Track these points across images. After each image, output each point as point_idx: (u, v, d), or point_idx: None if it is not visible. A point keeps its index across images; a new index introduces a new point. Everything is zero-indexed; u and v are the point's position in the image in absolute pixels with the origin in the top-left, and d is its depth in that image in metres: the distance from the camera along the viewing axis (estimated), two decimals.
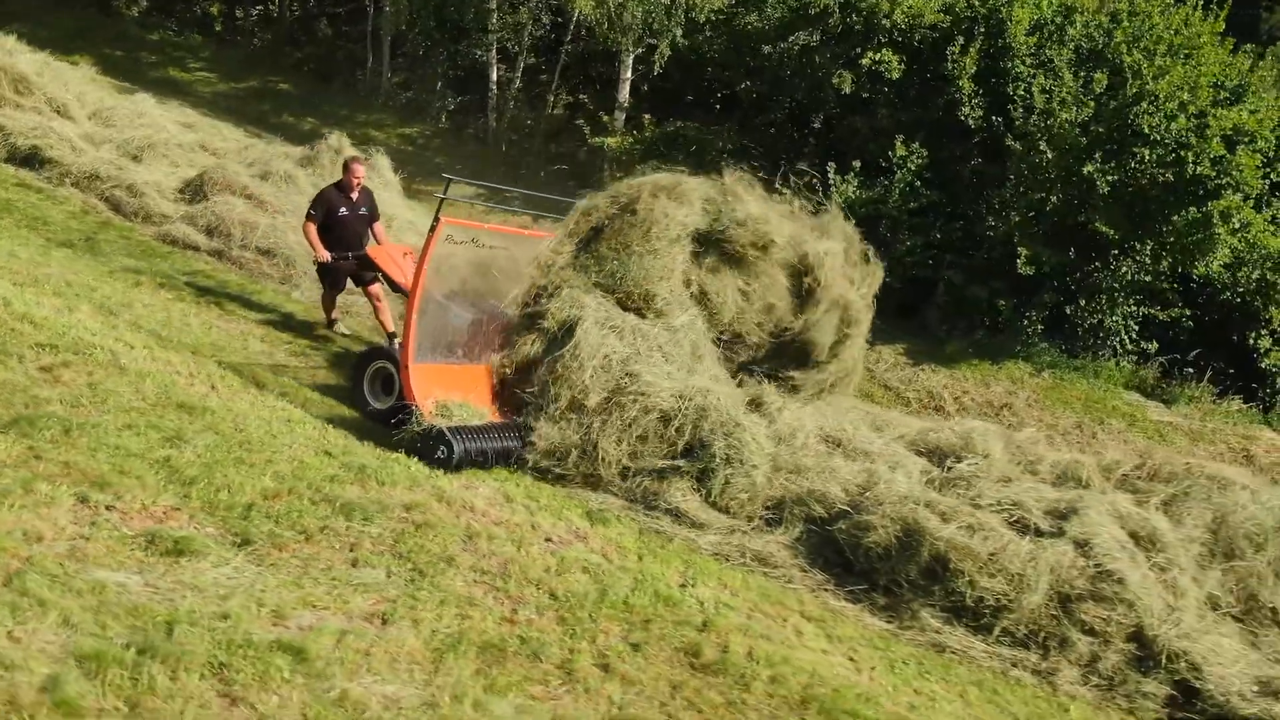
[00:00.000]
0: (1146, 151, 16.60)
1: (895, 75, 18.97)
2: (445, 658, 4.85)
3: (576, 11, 20.07)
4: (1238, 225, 16.39)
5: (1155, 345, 18.27)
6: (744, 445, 7.61)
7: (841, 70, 19.04)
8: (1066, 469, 7.91)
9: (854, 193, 18.67)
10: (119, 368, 6.99)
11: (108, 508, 5.27)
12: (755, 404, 8.57)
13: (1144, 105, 16.55)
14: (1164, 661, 6.36)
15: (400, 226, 11.52)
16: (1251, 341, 17.87)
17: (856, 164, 19.09)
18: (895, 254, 18.56)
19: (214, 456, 6.20)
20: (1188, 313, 17.77)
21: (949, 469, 7.50)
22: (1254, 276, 17.23)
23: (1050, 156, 17.41)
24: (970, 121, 18.46)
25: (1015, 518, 6.98)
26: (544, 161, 23.10)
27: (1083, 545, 6.64)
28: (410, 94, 24.45)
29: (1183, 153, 16.42)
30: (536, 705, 4.71)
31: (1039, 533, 6.82)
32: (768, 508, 7.61)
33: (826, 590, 6.92)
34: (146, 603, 4.51)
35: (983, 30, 18.49)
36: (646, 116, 20.74)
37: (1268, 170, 17.43)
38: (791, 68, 19.94)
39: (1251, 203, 16.70)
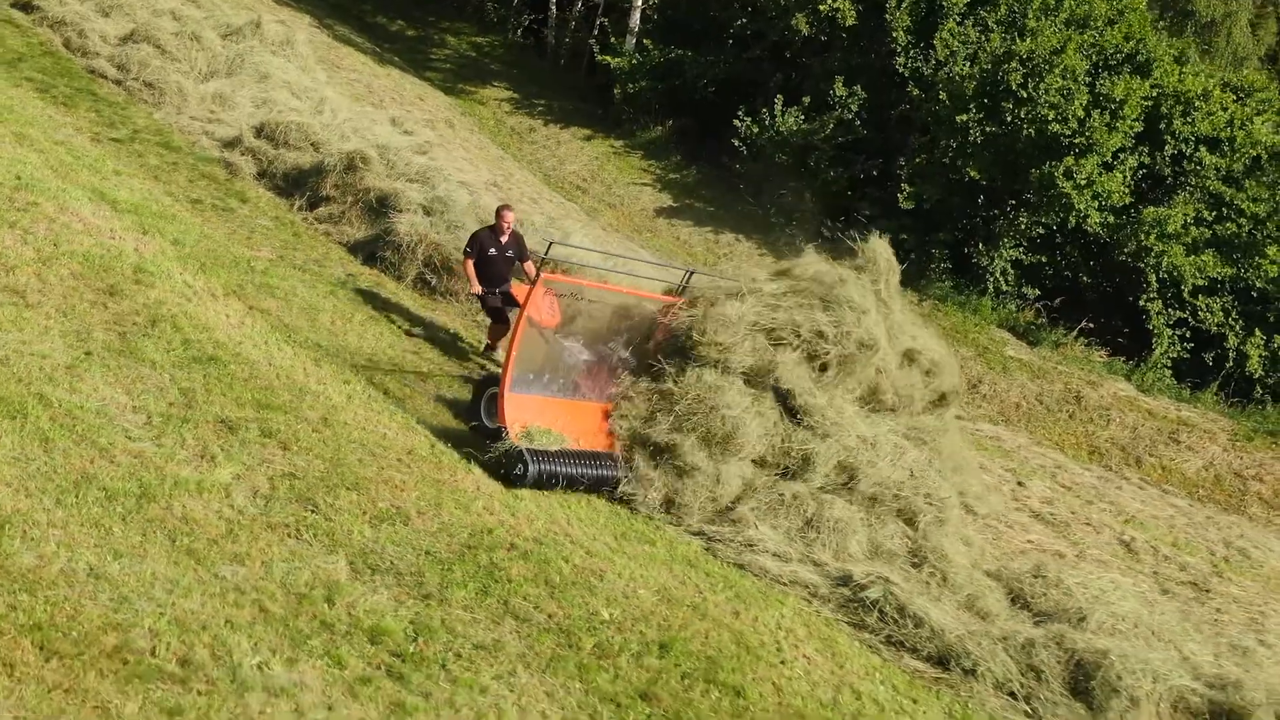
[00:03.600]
0: (1013, 106, 19.13)
1: (849, 22, 21.97)
2: None
3: None
4: (1083, 182, 18.68)
5: (1036, 291, 20.71)
6: None
7: (798, 14, 22.24)
8: None
9: (794, 125, 21.97)
10: None
11: None
12: None
13: (1013, 64, 19.07)
14: None
15: (275, 83, 16.11)
16: (1142, 304, 20.03)
17: (806, 100, 22.34)
18: (819, 183, 21.80)
19: None
20: (1042, 259, 20.07)
21: None
22: (1134, 239, 19.41)
23: (945, 105, 20.17)
24: (905, 71, 21.35)
25: None
26: (584, 78, 27.32)
27: None
28: (496, 7, 29.17)
29: (1047, 111, 18.87)
30: None
31: None
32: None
33: None
34: None
35: None
36: (648, 41, 24.55)
37: (1160, 141, 19.48)
38: (773, 8, 23.25)
39: (1108, 157, 18.87)
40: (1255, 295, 19.64)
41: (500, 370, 9.85)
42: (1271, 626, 11.59)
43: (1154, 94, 19.46)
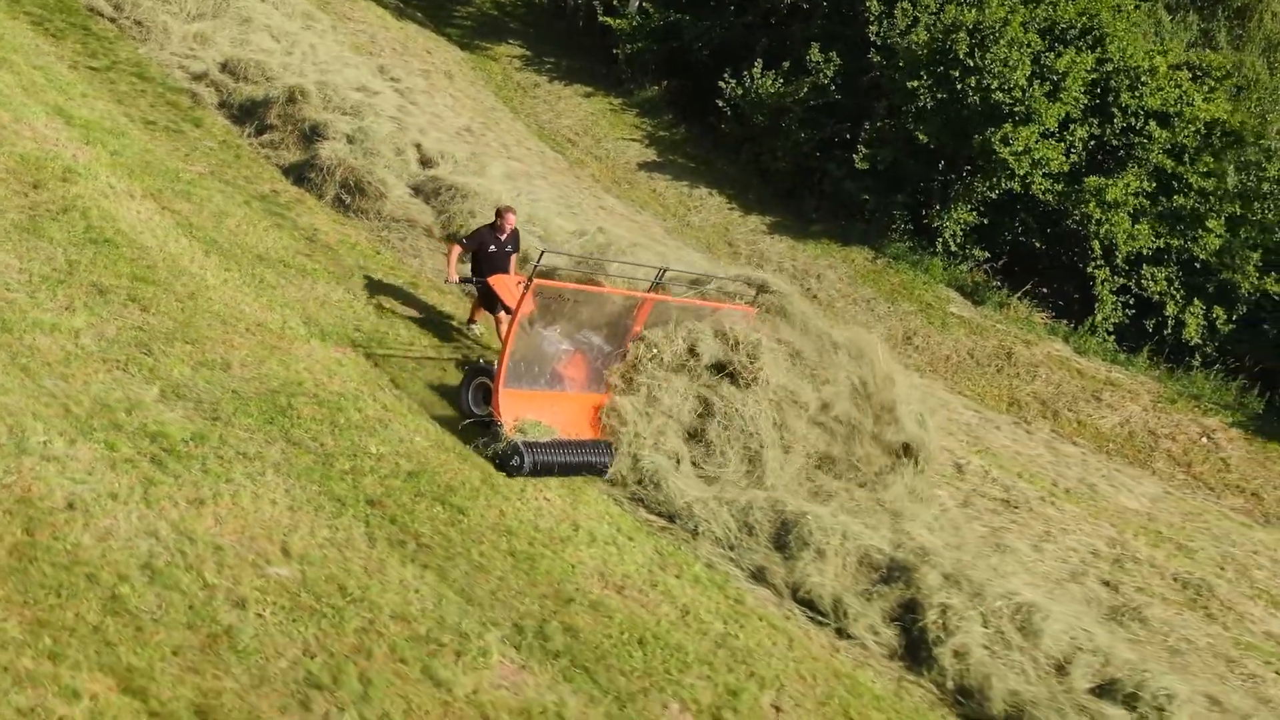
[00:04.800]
0: (960, 75, 20.54)
1: None
2: None
3: None
4: (1020, 149, 20.06)
5: (986, 254, 22.10)
6: None
7: None
8: None
9: (771, 87, 23.62)
10: None
11: None
12: None
13: (960, 34, 20.49)
14: None
15: (255, 27, 18.31)
16: (1089, 270, 21.34)
17: (786, 64, 23.97)
18: (790, 143, 23.44)
19: None
20: (985, 222, 21.40)
21: None
22: (1080, 208, 20.73)
23: (903, 70, 21.66)
24: (877, 39, 22.86)
25: None
26: (595, 39, 29.16)
27: None
28: None
29: (992, 80, 20.26)
30: None
31: None
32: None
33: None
34: None
35: None
36: (648, 4, 26.34)
37: (1110, 113, 20.71)
38: None
39: (1052, 126, 20.19)
40: (1198, 267, 20.79)
41: (481, 360, 11.37)
42: (1069, 542, 13.12)
43: (1107, 68, 20.67)
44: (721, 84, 24.02)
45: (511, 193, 14.64)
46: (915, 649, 9.15)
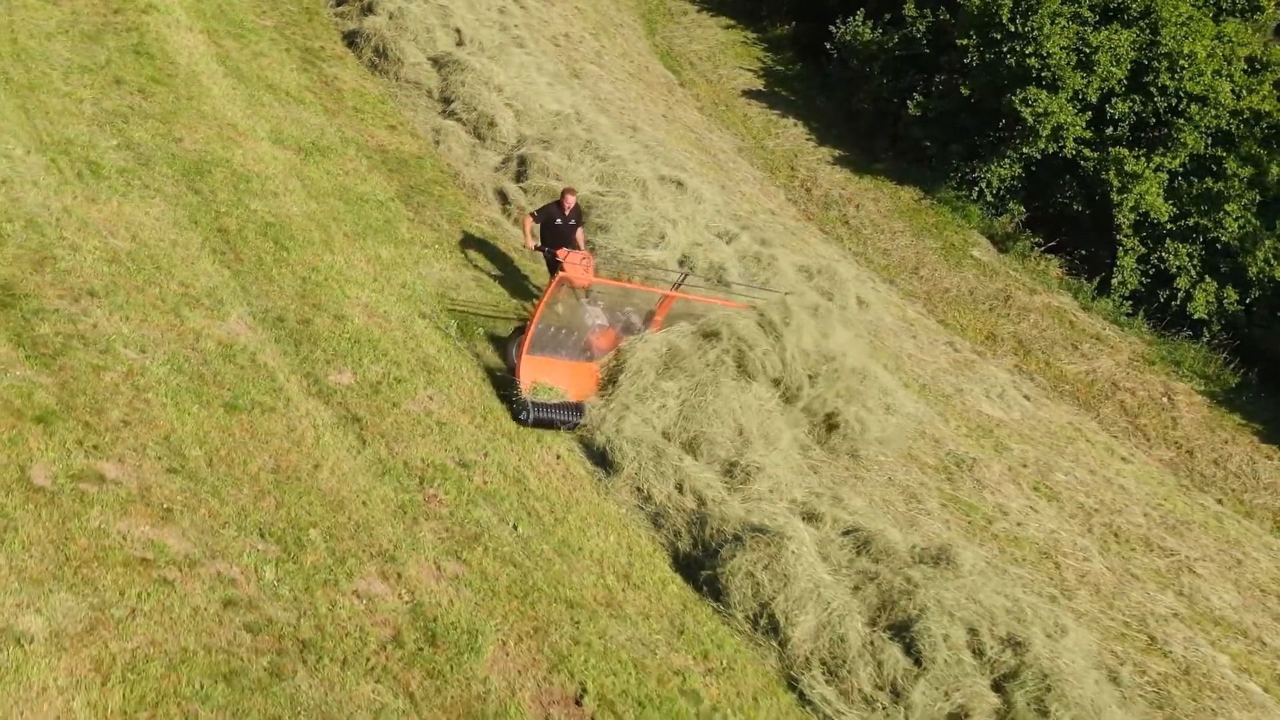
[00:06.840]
0: (1001, 38, 23.41)
1: None
2: None
3: None
4: (1040, 111, 22.77)
5: (1022, 208, 24.81)
6: None
7: None
8: None
9: (867, 34, 27.04)
10: None
11: None
12: None
13: (1006, 1, 23.34)
14: None
15: None
16: (1119, 238, 23.85)
17: (887, 16, 27.29)
18: (873, 88, 26.81)
19: None
20: (1031, 177, 24.02)
21: None
22: (1103, 174, 23.30)
23: (960, 29, 24.66)
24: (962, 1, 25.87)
25: None
26: None
27: None
28: None
29: (1028, 46, 23.08)
30: None
31: None
32: None
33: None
34: None
35: None
36: None
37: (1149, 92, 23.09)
38: None
39: (1092, 96, 22.76)
40: (1220, 248, 22.94)
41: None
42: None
43: (1160, 49, 23.01)
44: (832, 29, 27.47)
45: (509, 76, 19.02)
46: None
